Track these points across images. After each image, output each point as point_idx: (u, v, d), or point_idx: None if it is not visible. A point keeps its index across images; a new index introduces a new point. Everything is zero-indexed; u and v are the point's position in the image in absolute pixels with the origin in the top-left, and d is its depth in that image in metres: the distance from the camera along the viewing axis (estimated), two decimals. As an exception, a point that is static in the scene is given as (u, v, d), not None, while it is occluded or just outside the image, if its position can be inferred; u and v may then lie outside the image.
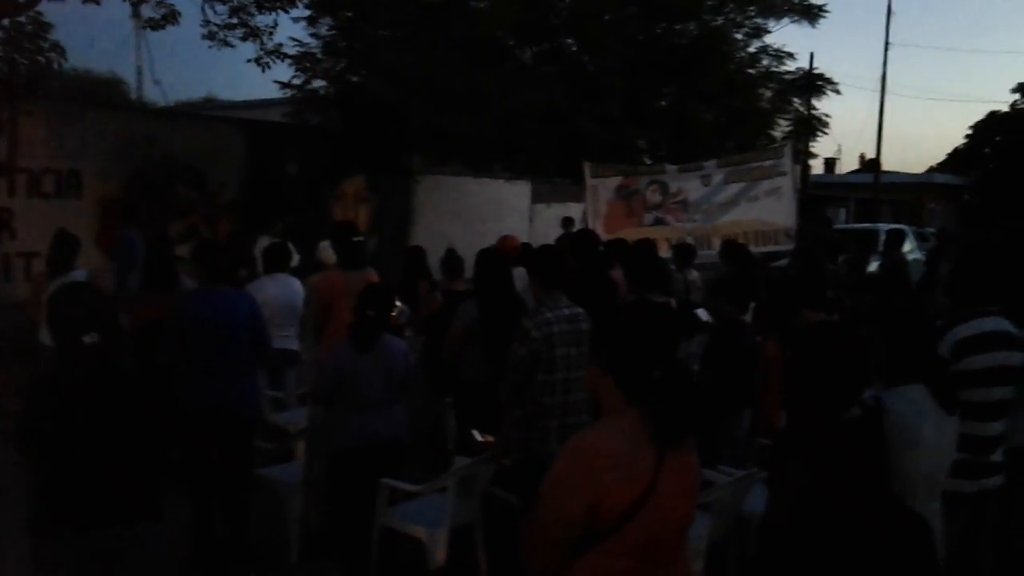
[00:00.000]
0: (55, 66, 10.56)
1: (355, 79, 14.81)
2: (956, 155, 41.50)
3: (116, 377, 3.05)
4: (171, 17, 11.61)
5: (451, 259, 7.05)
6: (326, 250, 7.41)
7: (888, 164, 39.57)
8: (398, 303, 5.62)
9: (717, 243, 9.63)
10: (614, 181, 11.29)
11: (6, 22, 9.75)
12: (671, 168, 11.42)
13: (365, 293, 4.63)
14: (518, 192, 19.68)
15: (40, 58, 10.07)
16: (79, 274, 6.48)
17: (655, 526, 2.06)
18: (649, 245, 7.53)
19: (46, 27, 10.07)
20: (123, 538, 3.00)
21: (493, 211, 18.71)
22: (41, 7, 9.94)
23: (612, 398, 2.17)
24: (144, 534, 3.04)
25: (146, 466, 3.06)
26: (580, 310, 4.35)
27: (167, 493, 3.18)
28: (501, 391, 4.62)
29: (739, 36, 17.22)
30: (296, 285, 6.67)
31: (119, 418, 2.99)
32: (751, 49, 17.27)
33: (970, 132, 40.46)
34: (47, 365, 5.94)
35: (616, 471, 2.03)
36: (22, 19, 9.87)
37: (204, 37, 12.24)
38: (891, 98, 47.89)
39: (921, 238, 18.90)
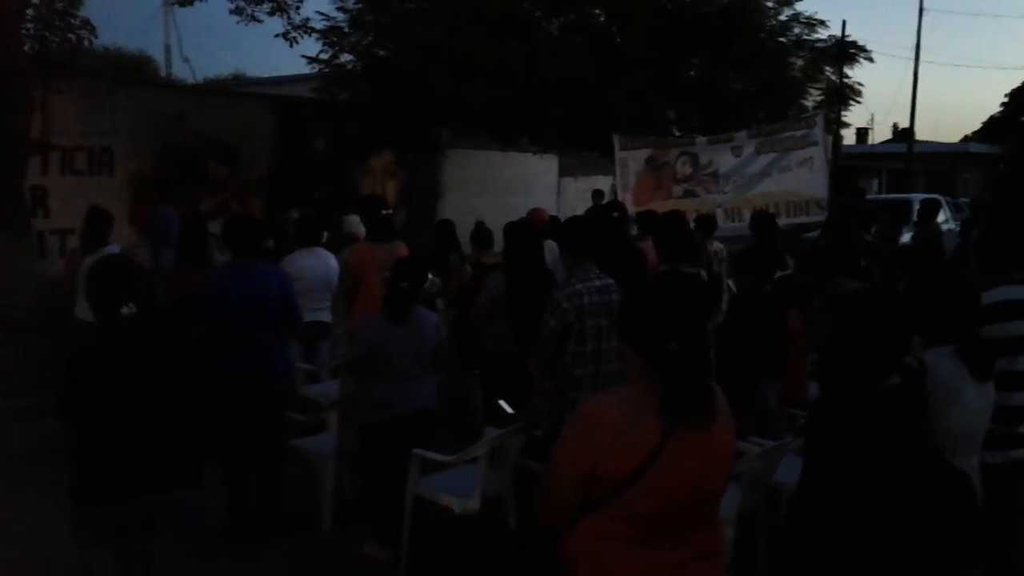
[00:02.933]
0: (85, 43, 10.66)
1: (382, 53, 14.79)
2: (992, 123, 40.73)
3: (154, 347, 3.11)
4: (198, -7, 11.69)
5: (480, 232, 7.06)
6: (354, 223, 7.45)
7: (922, 134, 38.99)
8: (429, 275, 5.64)
9: (748, 214, 9.55)
10: (644, 153, 11.21)
11: (36, 0, 9.84)
12: (701, 139, 11.31)
13: (398, 265, 4.66)
14: (546, 165, 19.61)
15: (71, 35, 10.16)
16: (113, 249, 6.57)
17: (657, 498, 2.05)
18: (679, 216, 7.48)
19: (76, 4, 10.14)
20: (160, 505, 3.06)
21: (521, 185, 18.68)
22: (72, -16, 10.02)
23: (632, 368, 2.17)
24: (179, 502, 3.10)
25: (186, 434, 3.11)
26: (611, 281, 4.36)
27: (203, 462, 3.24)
28: (529, 363, 4.65)
29: (769, 4, 16.91)
30: (331, 259, 6.73)
31: (158, 387, 3.04)
32: (782, 17, 16.94)
33: (1006, 100, 39.67)
34: (86, 338, 6.05)
35: (615, 438, 2.05)
36: (52, -4, 9.96)
37: (232, 12, 12.30)
38: (925, 66, 47.35)
39: (956, 208, 18.62)
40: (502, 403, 4.85)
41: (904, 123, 32.66)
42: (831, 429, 2.38)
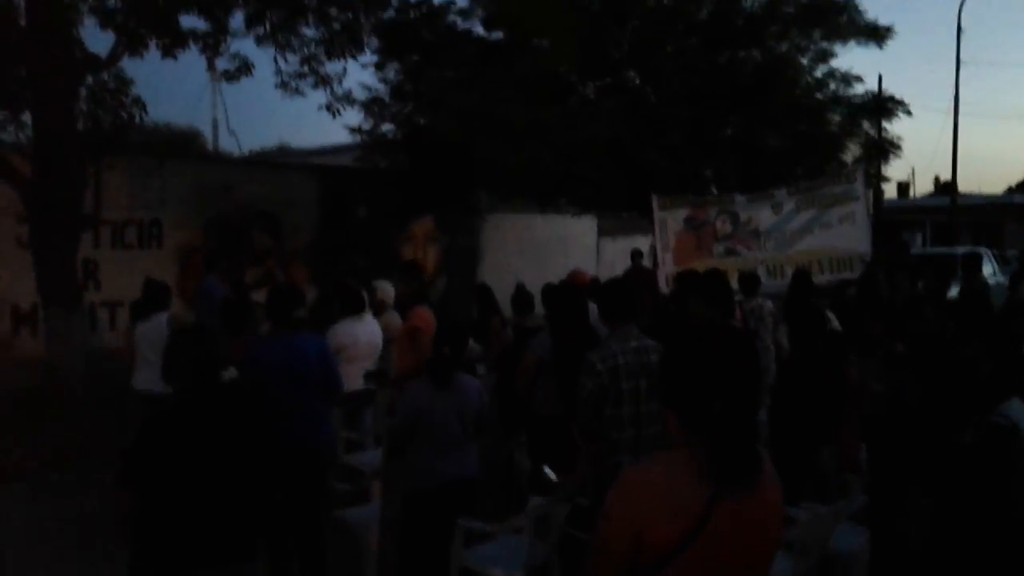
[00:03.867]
0: (136, 120, 11.00)
1: (422, 121, 15.09)
2: (1037, 173, 40.14)
3: (229, 415, 3.14)
4: (245, 69, 12.04)
5: (521, 295, 7.08)
6: (385, 289, 7.52)
7: (964, 186, 38.55)
8: (470, 341, 5.67)
9: (790, 271, 9.48)
10: (683, 212, 11.22)
11: (89, 79, 10.21)
12: (740, 197, 11.29)
13: (440, 330, 4.68)
14: (584, 227, 19.68)
15: (122, 113, 10.50)
16: (161, 318, 6.73)
17: (706, 566, 1.97)
18: (718, 274, 7.46)
19: (127, 82, 10.50)
20: None
21: (560, 246, 18.74)
22: (122, 63, 10.39)
23: (675, 431, 2.10)
24: (237, 574, 3.10)
25: (245, 505, 3.12)
26: (651, 342, 4.31)
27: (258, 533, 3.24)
28: (573, 427, 4.60)
29: (804, 61, 17.00)
30: (376, 325, 6.79)
31: (226, 456, 3.06)
32: (817, 74, 17.02)
33: (1051, 149, 39.08)
34: (141, 408, 6.16)
35: (660, 505, 1.97)
36: (104, 75, 10.32)
37: (277, 86, 12.66)
38: (965, 118, 46.84)
39: (1003, 261, 18.26)
40: (547, 469, 4.80)
41: (946, 176, 32.40)
42: (916, 491, 2.31)
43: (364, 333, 6.64)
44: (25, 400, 8.60)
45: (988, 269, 15.32)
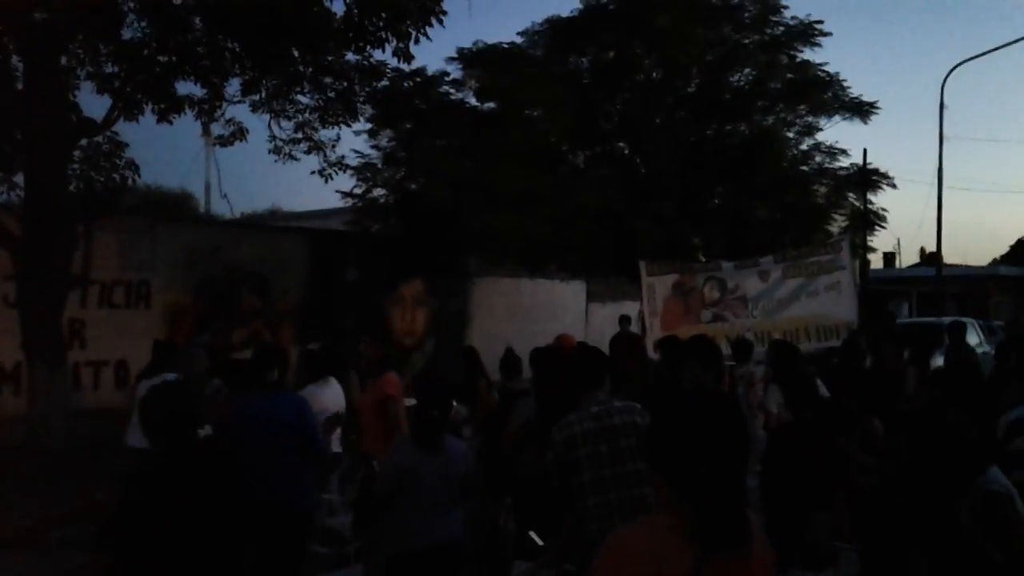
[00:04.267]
0: (129, 182, 11.09)
1: (413, 186, 15.25)
2: (1021, 246, 40.67)
3: (220, 471, 3.17)
4: (239, 134, 12.21)
5: (509, 358, 7.07)
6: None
7: (950, 257, 39.02)
8: (454, 403, 5.65)
9: (778, 338, 9.51)
10: (671, 279, 11.29)
11: (84, 142, 10.31)
12: (727, 265, 11.39)
13: (427, 392, 4.64)
14: (573, 291, 19.77)
15: (115, 175, 10.59)
16: (169, 377, 6.72)
17: None
18: (706, 339, 7.49)
19: (121, 146, 10.62)
20: None
21: (549, 311, 18.79)
22: (117, 127, 10.51)
23: (661, 495, 2.07)
24: None
25: (220, 562, 3.10)
26: (618, 405, 4.21)
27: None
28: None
29: (791, 134, 17.35)
30: (339, 390, 6.73)
31: (201, 514, 3.04)
32: (803, 147, 17.37)
33: (1034, 223, 39.71)
34: (133, 465, 6.09)
35: (646, 570, 1.94)
36: (99, 138, 10.44)
37: (270, 152, 12.81)
38: (949, 191, 47.80)
39: (989, 331, 18.36)
40: (532, 534, 4.74)
41: (931, 247, 32.87)
42: (917, 555, 2.31)
43: (328, 398, 6.58)
44: (8, 459, 8.47)
45: (974, 339, 15.38)
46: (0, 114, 9.53)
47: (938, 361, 11.36)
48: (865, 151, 20.40)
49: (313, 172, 13.27)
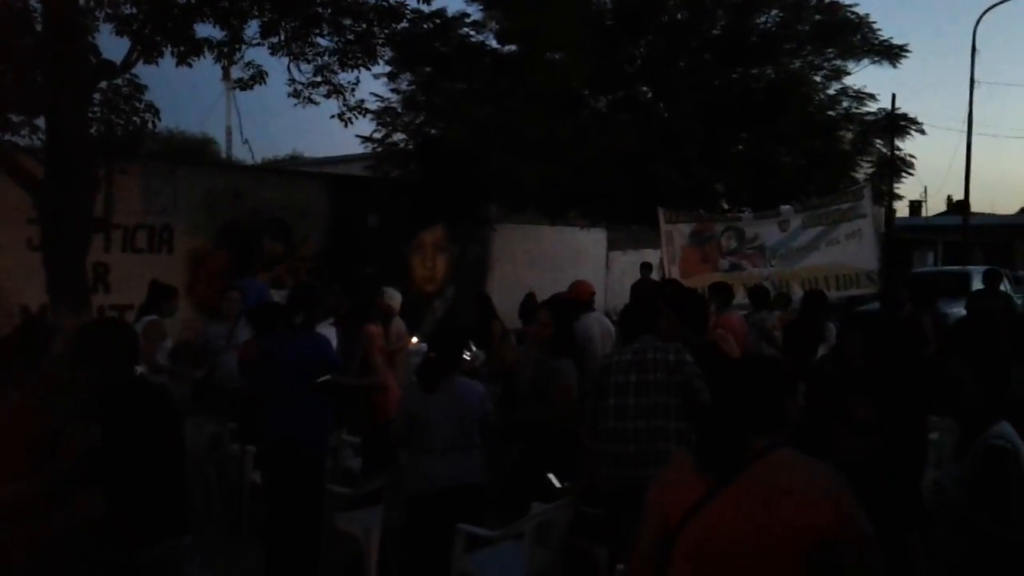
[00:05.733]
0: (150, 126, 11.07)
1: (434, 131, 15.14)
2: (1051, 194, 39.98)
3: (155, 402, 3.24)
4: (259, 77, 12.12)
5: (529, 304, 7.13)
6: (392, 295, 7.51)
7: (977, 205, 38.40)
8: (472, 348, 5.70)
9: (796, 287, 9.47)
10: (688, 227, 11.26)
11: (104, 84, 10.28)
12: (747, 215, 11.33)
13: (432, 336, 4.77)
14: (594, 239, 19.69)
15: (135, 119, 10.57)
16: (141, 321, 6.89)
17: (699, 541, 2.22)
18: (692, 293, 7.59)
19: (141, 89, 10.57)
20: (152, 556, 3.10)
21: (569, 258, 18.75)
22: (136, 69, 10.47)
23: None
24: (169, 550, 3.14)
25: (170, 484, 3.18)
26: (659, 343, 4.35)
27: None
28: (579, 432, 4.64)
29: (818, 78, 17.02)
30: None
31: (145, 441, 3.10)
32: (831, 91, 17.05)
33: (1065, 170, 38.96)
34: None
35: (674, 487, 2.32)
36: (119, 81, 10.40)
37: (290, 95, 12.72)
38: (979, 137, 46.56)
39: (1016, 281, 18.14)
40: (550, 476, 4.78)
41: (958, 195, 32.31)
42: None
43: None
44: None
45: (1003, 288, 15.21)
46: (20, 56, 9.50)
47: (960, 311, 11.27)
48: (893, 96, 20.04)
49: (333, 116, 13.19)
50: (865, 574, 2.14)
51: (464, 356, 4.85)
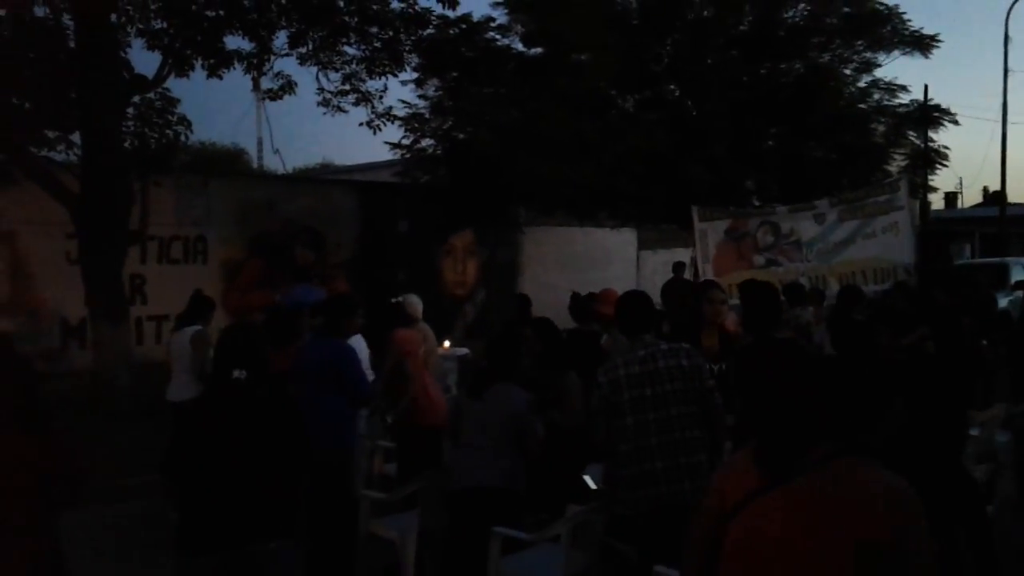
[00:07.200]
0: (182, 139, 11.25)
1: (462, 136, 15.19)
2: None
3: (256, 407, 3.30)
4: (288, 87, 12.25)
5: (577, 303, 7.22)
6: (413, 303, 7.53)
7: (1014, 195, 37.69)
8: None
9: (833, 282, 9.37)
10: (723, 224, 11.17)
11: (137, 99, 10.45)
12: (782, 209, 11.20)
13: (488, 344, 4.85)
14: (624, 239, 19.62)
15: (168, 132, 10.73)
16: (188, 331, 6.96)
17: (747, 534, 2.21)
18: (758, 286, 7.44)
19: (173, 102, 10.73)
20: (258, 555, 3.16)
21: (600, 259, 18.70)
22: (168, 83, 10.63)
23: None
24: (274, 552, 3.20)
25: (281, 487, 3.25)
26: (664, 347, 4.17)
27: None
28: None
29: (847, 71, 16.84)
30: (362, 342, 6.82)
31: (257, 443, 3.21)
32: (861, 84, 16.86)
33: (1105, 158, 38.13)
34: (175, 419, 6.30)
35: (736, 474, 2.31)
36: (151, 95, 10.56)
37: (319, 104, 12.86)
38: (1014, 127, 45.71)
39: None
40: (586, 478, 4.76)
41: (994, 186, 31.78)
42: None
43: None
44: (74, 411, 8.77)
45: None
46: (55, 73, 9.69)
47: (1003, 303, 11.12)
48: (926, 87, 19.80)
49: (361, 124, 13.34)
50: None
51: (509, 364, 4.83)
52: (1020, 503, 4.74)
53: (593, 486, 4.58)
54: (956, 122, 17.14)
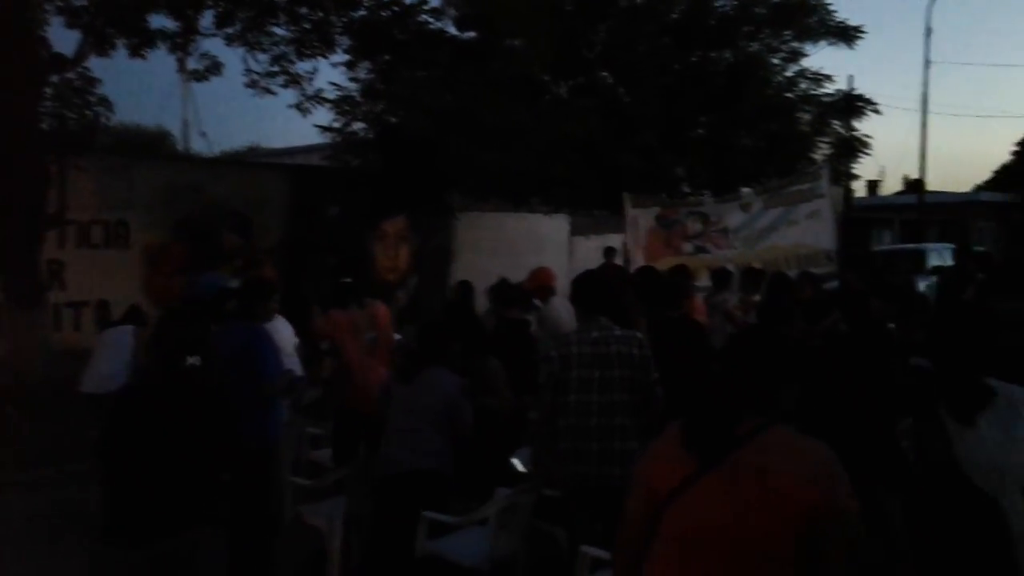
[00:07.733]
0: (103, 120, 10.90)
1: (394, 120, 15.04)
2: (1003, 172, 40.73)
3: (208, 397, 3.32)
4: (214, 68, 11.98)
5: (502, 288, 7.25)
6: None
7: (933, 184, 38.87)
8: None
9: (758, 268, 9.56)
10: (654, 211, 11.34)
11: (55, 78, 10.10)
12: (710, 199, 11.45)
13: (419, 330, 4.85)
14: (557, 225, 19.71)
15: (88, 112, 10.40)
16: (127, 329, 6.77)
17: (686, 523, 2.20)
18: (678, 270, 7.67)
19: (93, 82, 10.41)
20: (181, 543, 3.15)
21: (532, 245, 18.73)
22: (88, 62, 10.29)
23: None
24: (195, 540, 3.19)
25: (207, 476, 3.26)
26: (619, 333, 4.22)
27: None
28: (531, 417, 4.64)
29: (776, 61, 17.15)
30: (284, 326, 6.71)
31: (191, 431, 3.19)
32: (788, 73, 17.19)
33: (1017, 148, 39.71)
34: (87, 411, 6.16)
35: (661, 462, 2.31)
36: (70, 75, 10.22)
37: (247, 86, 12.61)
38: (933, 117, 47.43)
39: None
40: (514, 461, 4.79)
41: (915, 174, 32.80)
42: None
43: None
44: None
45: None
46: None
47: (919, 287, 11.46)
48: (851, 77, 20.25)
49: (290, 106, 13.13)
50: (848, 549, 2.12)
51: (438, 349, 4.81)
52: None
53: (522, 469, 4.61)
54: (879, 112, 17.60)
